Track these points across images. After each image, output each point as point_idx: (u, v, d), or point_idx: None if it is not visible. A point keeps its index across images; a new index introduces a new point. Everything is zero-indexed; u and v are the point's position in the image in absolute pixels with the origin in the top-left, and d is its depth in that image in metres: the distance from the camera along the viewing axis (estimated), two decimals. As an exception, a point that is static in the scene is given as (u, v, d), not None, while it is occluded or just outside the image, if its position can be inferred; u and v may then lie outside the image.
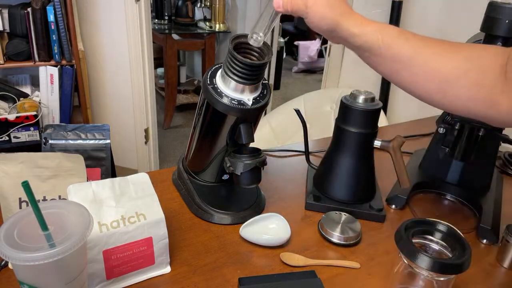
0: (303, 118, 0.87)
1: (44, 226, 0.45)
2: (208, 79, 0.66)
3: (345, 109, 0.78)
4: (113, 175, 0.96)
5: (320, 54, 5.13)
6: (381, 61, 0.54)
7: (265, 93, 0.68)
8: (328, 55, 2.33)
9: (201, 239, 0.71)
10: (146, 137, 2.46)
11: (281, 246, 0.71)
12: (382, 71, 0.56)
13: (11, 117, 1.73)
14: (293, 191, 0.89)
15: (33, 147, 1.80)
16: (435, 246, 0.60)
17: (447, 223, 0.61)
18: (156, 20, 3.37)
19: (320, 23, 0.54)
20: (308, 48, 5.14)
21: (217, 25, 3.29)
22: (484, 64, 0.50)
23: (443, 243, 0.60)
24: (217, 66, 0.68)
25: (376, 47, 0.53)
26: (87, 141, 0.90)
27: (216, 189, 0.81)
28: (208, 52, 3.31)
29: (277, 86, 4.41)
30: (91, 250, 0.54)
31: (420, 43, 0.52)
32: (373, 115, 0.77)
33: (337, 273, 0.67)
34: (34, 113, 1.77)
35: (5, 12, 1.77)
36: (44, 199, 0.67)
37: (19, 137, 1.78)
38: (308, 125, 0.90)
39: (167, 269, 0.64)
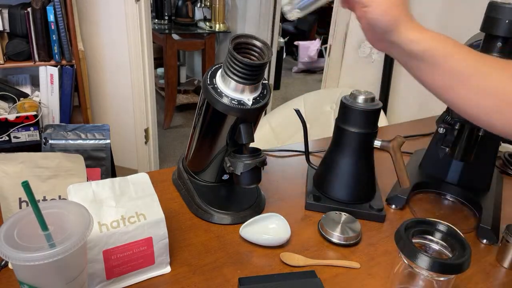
0: (303, 118, 0.87)
1: (44, 226, 0.45)
2: (208, 79, 0.66)
3: (345, 109, 0.78)
4: (113, 175, 0.96)
5: (320, 54, 5.13)
6: (435, 72, 0.50)
7: (265, 93, 0.68)
8: (328, 55, 2.33)
9: (201, 239, 0.71)
10: (146, 137, 2.46)
11: (281, 246, 0.71)
12: (433, 84, 0.51)
13: (11, 117, 1.73)
14: (293, 191, 0.89)
15: (33, 147, 1.80)
16: (435, 246, 0.60)
17: (447, 223, 0.60)
18: (156, 20, 3.37)
19: (380, 18, 0.50)
20: (308, 48, 5.14)
21: (217, 25, 3.29)
22: None
23: (443, 243, 0.60)
24: (217, 66, 0.68)
25: (433, 56, 0.49)
26: (87, 141, 0.90)
27: (216, 189, 0.81)
28: (208, 52, 3.31)
29: (277, 86, 4.41)
30: (91, 250, 0.54)
31: (480, 58, 0.48)
32: (373, 115, 0.77)
33: (337, 273, 0.67)
34: (34, 113, 1.77)
35: (5, 12, 1.77)
36: (44, 199, 0.67)
37: (19, 137, 1.78)
38: (308, 125, 0.90)
39: (167, 269, 0.64)
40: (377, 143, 0.80)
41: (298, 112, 0.87)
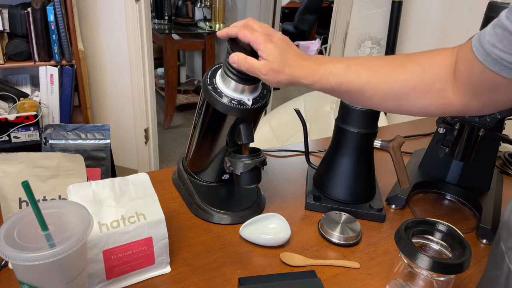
0: (303, 118, 0.87)
1: (44, 226, 0.45)
2: (208, 79, 0.66)
3: (345, 109, 0.78)
4: (113, 175, 0.96)
5: (320, 54, 5.13)
6: (340, 96, 0.61)
7: (265, 93, 0.68)
8: (328, 55, 2.33)
9: (201, 239, 0.71)
10: (146, 137, 2.46)
11: (281, 246, 0.71)
12: (345, 100, 0.66)
13: (11, 117, 1.73)
14: (293, 191, 0.89)
15: (33, 147, 1.80)
16: (435, 246, 0.60)
17: (447, 223, 0.61)
18: (156, 20, 3.37)
19: (277, 85, 0.59)
20: (308, 48, 5.13)
21: (217, 25, 3.29)
22: (432, 74, 0.52)
23: (443, 243, 0.60)
24: (217, 66, 0.68)
25: (330, 89, 0.58)
26: (87, 141, 0.90)
27: (216, 189, 0.81)
28: (208, 52, 3.31)
29: (277, 86, 4.41)
30: (91, 250, 0.54)
31: (368, 72, 0.56)
32: (373, 115, 0.77)
33: (337, 273, 0.67)
34: (34, 113, 1.77)
35: (5, 12, 1.77)
36: (44, 199, 0.67)
37: (19, 137, 1.78)
38: (308, 125, 0.90)
39: (167, 269, 0.64)
40: (377, 143, 0.80)
41: (298, 112, 0.87)
